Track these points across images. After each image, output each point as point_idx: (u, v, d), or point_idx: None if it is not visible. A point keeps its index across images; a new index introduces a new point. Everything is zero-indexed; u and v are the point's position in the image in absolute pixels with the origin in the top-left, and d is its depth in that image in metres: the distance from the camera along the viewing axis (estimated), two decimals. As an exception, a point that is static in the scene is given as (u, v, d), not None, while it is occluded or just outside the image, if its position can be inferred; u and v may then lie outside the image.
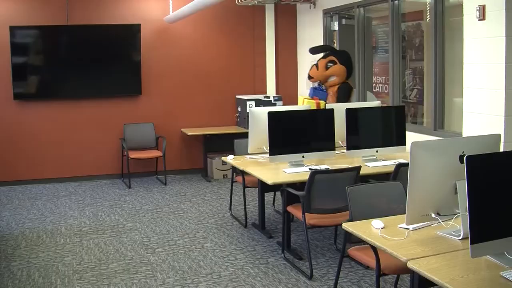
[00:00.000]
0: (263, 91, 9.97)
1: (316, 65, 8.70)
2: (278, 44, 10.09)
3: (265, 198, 6.48)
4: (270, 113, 5.78)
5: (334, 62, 8.51)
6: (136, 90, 9.37)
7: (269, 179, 5.36)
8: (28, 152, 9.09)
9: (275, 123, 5.78)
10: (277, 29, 10.06)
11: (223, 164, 9.17)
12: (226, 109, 9.88)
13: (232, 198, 7.42)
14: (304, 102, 8.67)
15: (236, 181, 7.01)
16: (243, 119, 9.25)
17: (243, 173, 6.34)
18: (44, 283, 5.06)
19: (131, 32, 9.22)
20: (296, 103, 9.85)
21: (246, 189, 6.73)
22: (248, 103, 9.27)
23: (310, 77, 8.84)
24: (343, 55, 8.60)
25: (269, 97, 9.51)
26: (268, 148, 5.84)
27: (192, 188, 8.73)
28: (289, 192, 5.30)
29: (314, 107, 8.21)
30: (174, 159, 9.60)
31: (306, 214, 5.09)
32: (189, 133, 9.26)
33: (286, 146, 5.84)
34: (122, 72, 9.35)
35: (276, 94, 9.93)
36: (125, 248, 5.97)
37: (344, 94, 8.46)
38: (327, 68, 8.53)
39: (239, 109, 9.62)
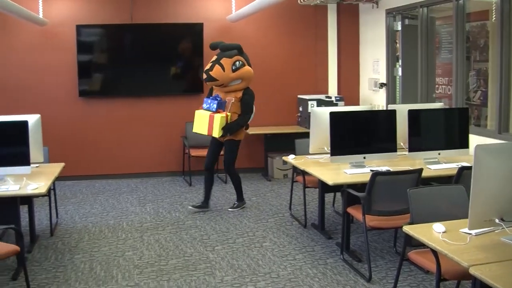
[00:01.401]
0: (325, 91, 9.92)
1: (220, 64, 7.21)
2: (340, 44, 10.02)
3: (325, 198, 6.46)
4: (332, 114, 5.76)
5: (242, 64, 7.37)
6: (198, 89, 9.46)
7: (330, 180, 5.35)
8: (92, 148, 9.30)
9: (336, 123, 5.75)
10: (339, 29, 9.98)
11: (283, 164, 9.17)
12: (287, 108, 9.86)
13: (292, 198, 7.43)
14: (218, 118, 7.03)
15: (296, 181, 7.02)
16: (305, 119, 9.22)
17: (303, 173, 6.33)
18: (106, 276, 5.18)
19: (194, 31, 9.32)
20: (357, 103, 9.80)
21: (306, 189, 6.73)
22: (309, 103, 9.23)
23: (212, 79, 7.19)
24: (246, 57, 7.54)
25: (330, 97, 9.46)
26: (329, 148, 5.83)
27: (252, 187, 8.76)
28: (349, 193, 5.27)
29: (223, 122, 7.06)
30: (234, 157, 9.63)
31: (366, 215, 5.06)
32: (250, 132, 9.23)
33: (348, 146, 5.82)
34: (185, 71, 9.49)
35: (338, 94, 9.86)
36: (184, 245, 6.04)
37: (251, 101, 7.41)
38: (233, 70, 7.27)
39: (301, 108, 9.60)
